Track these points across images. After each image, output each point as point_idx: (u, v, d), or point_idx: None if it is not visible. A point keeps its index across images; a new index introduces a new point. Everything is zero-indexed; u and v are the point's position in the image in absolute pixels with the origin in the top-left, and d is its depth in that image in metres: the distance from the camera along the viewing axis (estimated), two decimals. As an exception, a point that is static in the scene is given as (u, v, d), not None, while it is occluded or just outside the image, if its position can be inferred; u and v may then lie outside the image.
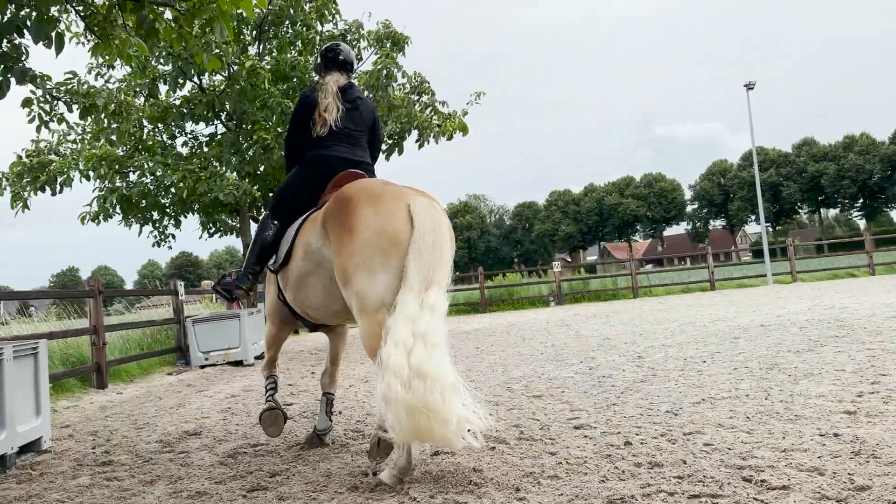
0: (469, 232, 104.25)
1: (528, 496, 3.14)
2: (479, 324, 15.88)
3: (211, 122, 13.37)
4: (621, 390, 5.65)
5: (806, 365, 6.02)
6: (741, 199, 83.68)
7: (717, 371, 6.16)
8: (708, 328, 9.97)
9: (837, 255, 29.18)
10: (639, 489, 3.11)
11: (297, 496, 3.45)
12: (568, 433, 4.31)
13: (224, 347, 10.82)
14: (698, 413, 4.55)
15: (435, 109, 12.71)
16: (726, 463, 3.39)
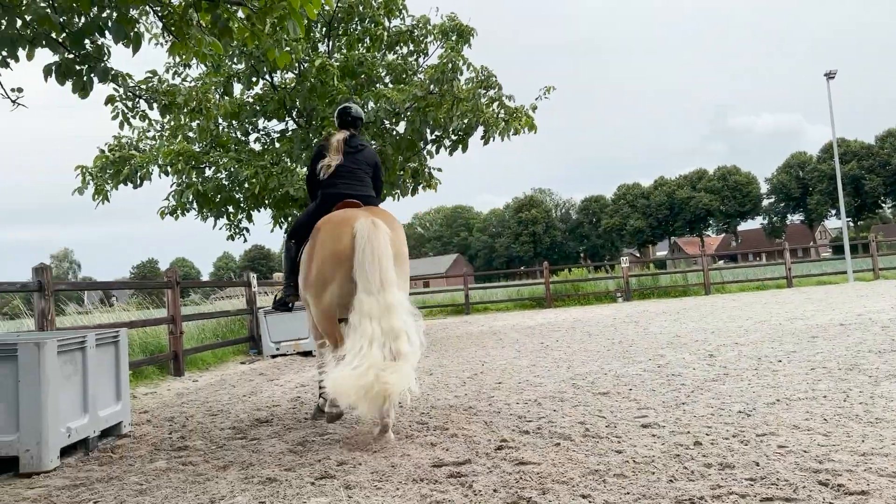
0: (534, 226, 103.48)
1: (592, 494, 3.11)
2: (543, 319, 15.77)
3: (282, 119, 13.70)
4: (691, 389, 5.51)
5: (888, 366, 5.73)
6: (821, 192, 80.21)
7: (793, 371, 5.93)
8: (784, 327, 9.62)
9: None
10: (708, 490, 3.03)
11: (363, 485, 3.51)
12: (635, 431, 4.24)
13: (294, 338, 11.10)
14: (772, 414, 4.40)
15: (502, 103, 12.64)
16: (801, 466, 3.27)
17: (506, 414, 5.08)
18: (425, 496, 3.25)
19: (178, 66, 12.50)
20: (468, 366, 8.17)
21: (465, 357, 9.15)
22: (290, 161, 12.01)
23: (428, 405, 5.71)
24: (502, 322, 15.93)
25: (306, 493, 3.45)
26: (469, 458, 3.89)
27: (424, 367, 8.43)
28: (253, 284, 12.14)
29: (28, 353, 4.32)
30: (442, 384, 6.86)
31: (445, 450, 4.12)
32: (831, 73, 23.06)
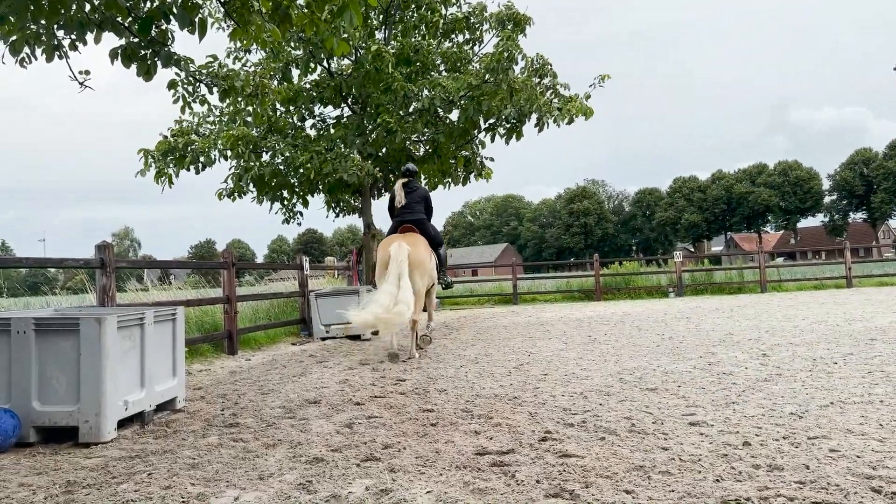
0: (586, 218, 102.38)
1: (636, 490, 3.09)
2: (592, 312, 15.63)
3: (337, 106, 13.87)
4: (742, 388, 5.40)
5: (954, 374, 5.51)
6: (885, 190, 77.12)
7: (850, 374, 5.76)
8: (841, 328, 9.32)
9: None
10: (756, 492, 2.98)
11: (407, 469, 3.57)
12: (682, 429, 4.19)
13: (344, 322, 11.28)
14: (825, 417, 4.29)
15: (556, 92, 12.53)
16: (853, 471, 3.19)
17: (551, 406, 5.08)
18: (468, 483, 3.29)
19: (239, 51, 12.76)
20: (514, 356, 8.18)
21: (512, 347, 9.16)
22: (345, 147, 12.15)
23: (473, 394, 5.75)
24: (550, 314, 15.86)
25: (352, 475, 3.53)
26: (513, 447, 3.91)
27: (470, 356, 8.47)
28: (305, 268, 12.37)
29: (89, 327, 4.51)
30: (487, 373, 6.89)
31: (489, 438, 4.15)
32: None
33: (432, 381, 6.51)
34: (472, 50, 13.81)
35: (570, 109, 12.20)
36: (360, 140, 12.52)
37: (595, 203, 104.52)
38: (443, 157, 13.62)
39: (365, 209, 14.20)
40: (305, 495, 3.23)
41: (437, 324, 13.89)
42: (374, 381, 6.75)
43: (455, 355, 8.58)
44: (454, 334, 11.66)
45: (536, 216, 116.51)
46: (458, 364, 7.68)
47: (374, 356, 8.92)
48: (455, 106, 12.49)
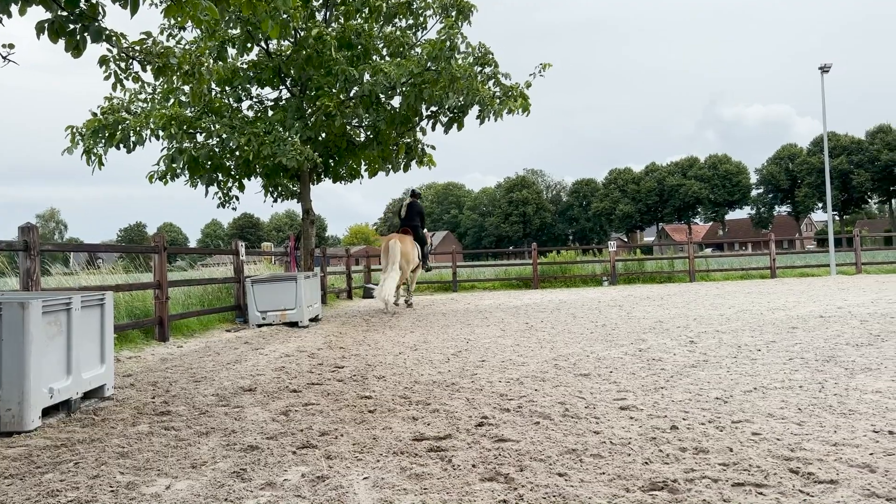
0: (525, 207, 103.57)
1: (569, 472, 3.17)
2: (529, 299, 15.87)
3: (276, 87, 13.58)
4: (671, 374, 5.60)
5: (864, 359, 5.84)
6: (809, 185, 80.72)
7: (772, 360, 6.04)
8: (765, 317, 9.74)
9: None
10: (682, 473, 3.10)
11: (344, 455, 3.57)
12: (613, 413, 4.32)
13: (281, 308, 11.12)
14: (748, 402, 4.49)
15: (497, 81, 12.58)
16: (774, 453, 3.35)
17: (488, 391, 5.15)
18: (405, 468, 3.31)
19: (173, 28, 12.33)
20: (453, 343, 8.24)
21: (451, 334, 9.22)
22: (284, 130, 11.92)
23: (411, 380, 5.77)
24: (489, 301, 16.02)
25: (287, 462, 3.50)
26: (450, 433, 3.95)
27: (409, 343, 8.49)
28: (241, 253, 12.12)
29: (12, 312, 4.32)
30: (426, 360, 6.92)
31: (427, 424, 4.18)
32: (826, 66, 23.05)
33: (371, 368, 6.51)
34: (416, 36, 13.73)
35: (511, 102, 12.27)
36: (299, 123, 12.30)
37: (534, 192, 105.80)
38: (384, 143, 13.53)
39: (304, 194, 14.00)
40: (240, 483, 3.19)
41: (376, 310, 13.86)
42: (311, 368, 6.69)
43: (394, 342, 8.59)
44: (393, 321, 11.66)
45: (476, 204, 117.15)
46: (397, 351, 7.69)
47: (311, 343, 8.84)
48: (397, 92, 12.41)
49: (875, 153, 77.33)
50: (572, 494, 2.88)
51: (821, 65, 23.08)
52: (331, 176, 14.57)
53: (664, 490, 2.91)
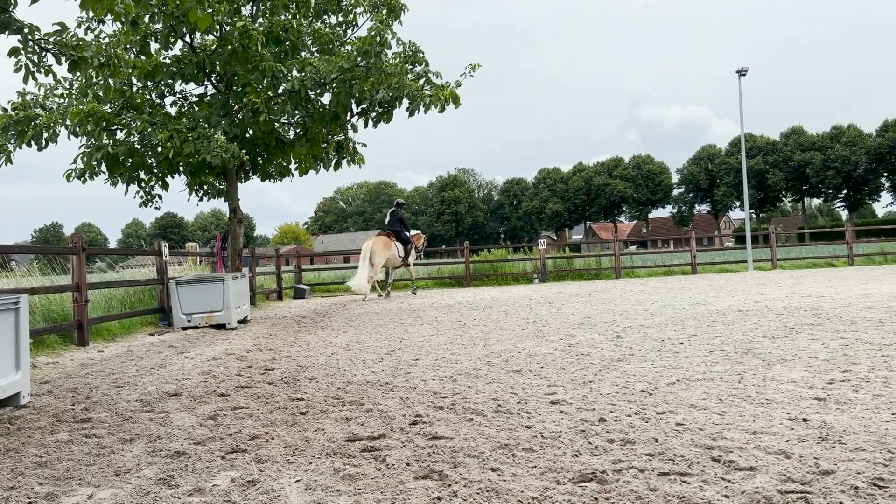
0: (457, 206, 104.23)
1: (501, 467, 3.21)
2: (462, 298, 15.97)
3: (201, 83, 13.21)
4: (599, 368, 5.74)
5: (780, 351, 6.14)
6: (727, 184, 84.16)
7: (694, 353, 6.27)
8: (687, 311, 10.10)
9: (818, 245, 29.53)
10: (610, 464, 3.19)
11: (275, 459, 3.50)
12: (544, 408, 4.39)
13: (207, 310, 10.83)
14: (672, 393, 4.65)
15: (428, 80, 12.61)
16: (697, 443, 3.48)
17: (421, 390, 5.16)
18: (338, 470, 3.28)
19: (91, 21, 11.82)
20: (386, 342, 8.21)
21: (384, 334, 9.19)
22: (209, 127, 11.60)
23: (344, 381, 5.72)
24: (422, 300, 16.04)
25: (216, 467, 3.41)
26: (384, 432, 3.94)
27: (342, 343, 8.41)
28: (164, 253, 11.73)
29: (-84, 318, 4.05)
30: (359, 360, 6.87)
31: (360, 424, 4.16)
32: (743, 70, 24.06)
33: (302, 370, 6.41)
34: (346, 32, 13.60)
35: (441, 96, 12.31)
36: (224, 120, 11.99)
37: (465, 192, 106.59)
38: (313, 140, 13.35)
39: (231, 193, 13.66)
40: (166, 490, 3.09)
41: (308, 311, 13.67)
42: (240, 371, 6.54)
43: (326, 343, 8.49)
44: (325, 321, 11.52)
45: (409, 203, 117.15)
46: (330, 352, 7.60)
47: (240, 346, 8.64)
48: (326, 89, 12.26)
49: (789, 154, 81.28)
50: (505, 489, 2.92)
51: (738, 68, 24.08)
52: (259, 174, 14.28)
53: (593, 481, 2.99)
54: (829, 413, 3.92)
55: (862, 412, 3.89)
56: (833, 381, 4.77)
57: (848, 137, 78.64)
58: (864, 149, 77.03)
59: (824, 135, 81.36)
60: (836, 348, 6.10)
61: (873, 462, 3.04)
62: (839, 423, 3.70)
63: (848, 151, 77.25)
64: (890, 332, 6.82)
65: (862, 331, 7.06)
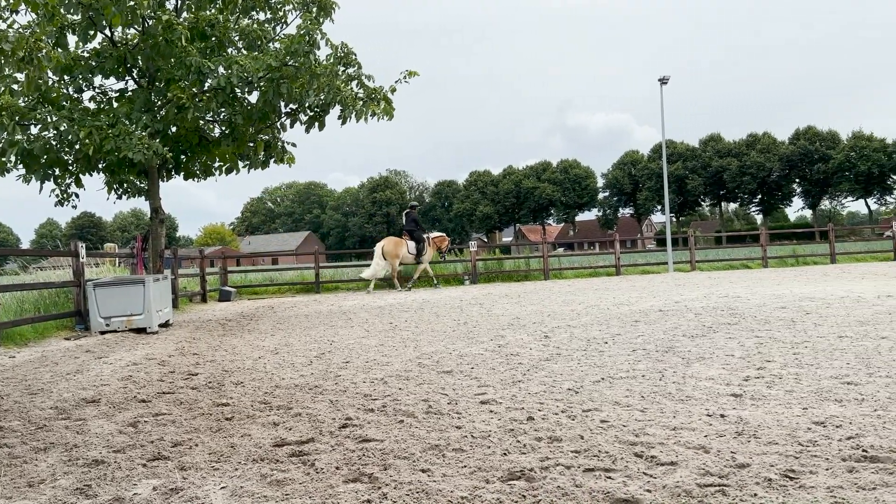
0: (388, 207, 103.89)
1: (432, 468, 3.22)
2: (393, 299, 15.93)
3: (122, 78, 12.71)
4: (527, 368, 5.83)
5: (699, 349, 6.39)
6: (649, 189, 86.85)
7: (618, 352, 6.45)
8: (611, 311, 10.38)
9: (735, 247, 30.88)
10: (538, 462, 3.25)
11: (199, 466, 3.41)
12: (474, 408, 4.43)
13: (127, 314, 10.43)
14: (597, 391, 4.77)
15: (361, 83, 12.51)
16: (620, 439, 3.58)
17: (352, 392, 5.12)
18: (265, 475, 3.22)
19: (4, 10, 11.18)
20: (316, 345, 8.11)
21: (313, 336, 9.07)
22: (130, 123, 11.17)
23: (272, 385, 5.62)
24: (352, 302, 15.91)
25: (137, 475, 3.30)
26: (312, 436, 3.89)
27: (269, 346, 8.26)
28: (81, 255, 11.24)
29: None
30: (288, 363, 6.76)
31: (288, 429, 4.09)
32: (665, 78, 24.91)
33: (228, 374, 6.26)
34: (275, 30, 13.35)
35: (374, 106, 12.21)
36: (147, 116, 11.58)
37: (397, 193, 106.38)
38: (240, 139, 13.04)
39: (152, 192, 13.20)
40: (84, 500, 2.96)
41: (234, 314, 13.39)
42: (161, 376, 6.33)
43: (253, 346, 8.32)
44: (252, 325, 11.29)
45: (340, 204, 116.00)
46: (257, 355, 7.45)
47: (162, 350, 8.37)
48: (254, 87, 12.00)
49: (707, 160, 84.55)
50: (435, 489, 2.93)
51: (660, 77, 24.91)
52: (182, 172, 13.84)
53: (521, 479, 3.03)
54: (744, 409, 4.10)
55: (775, 407, 4.09)
56: (748, 378, 5.00)
57: (762, 145, 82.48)
58: (777, 156, 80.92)
59: (740, 142, 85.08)
60: (751, 347, 6.39)
61: (785, 455, 3.21)
62: (754, 418, 3.88)
63: (763, 158, 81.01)
64: (801, 331, 7.20)
65: (775, 330, 7.42)
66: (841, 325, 7.51)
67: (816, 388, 4.54)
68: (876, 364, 5.21)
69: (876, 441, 3.31)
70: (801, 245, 29.77)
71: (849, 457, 3.12)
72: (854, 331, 6.98)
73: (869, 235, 50.82)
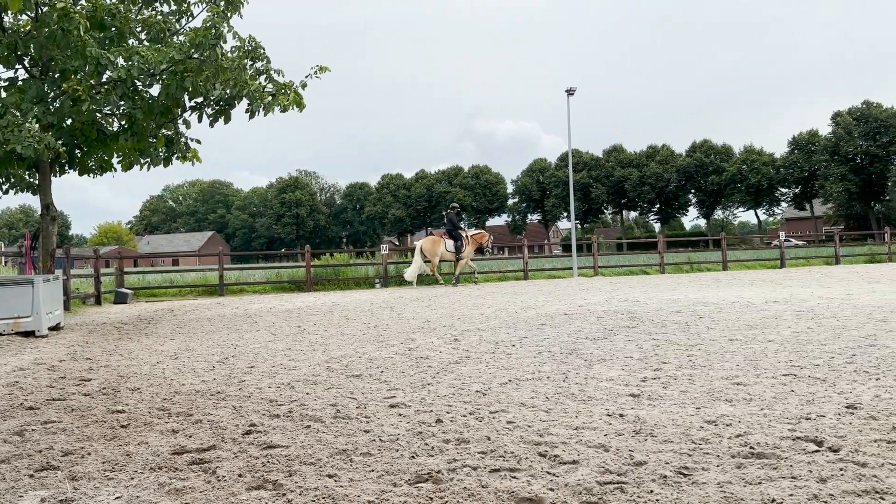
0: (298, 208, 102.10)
1: (339, 473, 3.19)
2: (302, 302, 15.66)
3: (12, 67, 11.91)
4: (437, 371, 5.87)
5: (600, 351, 6.62)
6: (556, 196, 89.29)
7: (524, 354, 6.59)
8: (519, 315, 10.60)
9: (635, 254, 32.20)
10: (445, 464, 3.27)
11: (92, 475, 3.24)
12: (383, 412, 4.42)
13: (13, 316, 9.77)
14: (504, 393, 4.86)
15: (269, 77, 12.23)
16: (525, 439, 3.66)
17: (257, 398, 5.00)
18: (164, 484, 3.10)
19: None
20: (219, 349, 7.86)
21: (216, 340, 8.79)
22: (20, 114, 10.48)
23: (171, 391, 5.41)
24: (259, 305, 15.52)
25: (23, 487, 3.10)
26: (214, 443, 3.77)
27: (168, 351, 7.95)
28: (-39, 253, 10.44)
29: None
30: (188, 368, 6.52)
31: (188, 436, 3.95)
32: (571, 89, 25.68)
33: (124, 380, 5.98)
34: (179, 22, 12.87)
35: (283, 100, 11.98)
36: (39, 108, 10.90)
37: (307, 194, 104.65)
38: (140, 134, 12.48)
39: (44, 187, 12.44)
40: (-41, 518, 2.75)
41: (131, 317, 12.82)
42: (51, 382, 5.97)
43: (151, 351, 7.98)
44: (150, 328, 10.82)
45: (246, 204, 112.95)
46: (155, 360, 7.15)
47: (52, 355, 7.89)
48: (156, 80, 11.52)
49: (610, 169, 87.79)
50: (342, 494, 2.91)
51: (567, 88, 25.66)
52: (77, 168, 13.11)
53: (429, 481, 3.05)
54: (642, 408, 4.28)
55: (670, 407, 4.30)
56: (646, 378, 5.22)
57: (661, 156, 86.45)
58: (675, 167, 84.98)
59: (641, 153, 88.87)
60: (649, 349, 6.68)
61: (680, 452, 3.37)
62: (651, 417, 4.05)
63: (661, 169, 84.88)
64: (694, 334, 7.59)
65: (671, 333, 7.79)
66: (731, 328, 7.96)
67: (709, 388, 4.80)
68: (763, 366, 5.55)
69: (762, 438, 3.53)
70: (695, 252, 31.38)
71: (738, 453, 3.31)
72: (743, 334, 7.42)
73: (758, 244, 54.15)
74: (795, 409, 4.09)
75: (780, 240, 28.92)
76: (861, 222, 74.60)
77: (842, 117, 72.75)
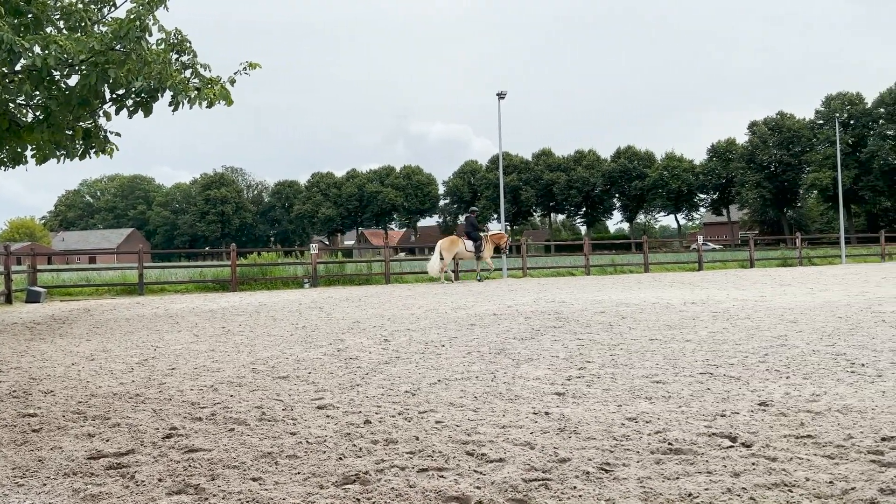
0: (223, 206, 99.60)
1: (264, 476, 3.14)
2: (227, 302, 15.28)
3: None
4: (366, 371, 5.84)
5: (527, 351, 6.73)
6: (487, 198, 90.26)
7: (454, 354, 6.63)
8: (449, 315, 10.66)
9: (562, 256, 32.88)
10: (373, 465, 3.27)
11: (0, 482, 3.08)
12: (311, 413, 4.37)
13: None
14: (434, 393, 4.88)
15: (196, 72, 11.89)
16: (453, 439, 3.69)
17: (178, 401, 4.85)
18: (79, 490, 2.97)
19: None
20: (138, 351, 7.59)
21: (135, 341, 8.48)
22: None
23: (87, 394, 5.19)
24: (181, 305, 15.05)
25: (-80, 499, 2.92)
26: (133, 447, 3.64)
27: (84, 352, 7.62)
28: None
29: None
30: (105, 370, 6.27)
31: (105, 440, 3.80)
32: (502, 93, 26.00)
33: (35, 382, 5.70)
34: (101, 12, 12.35)
35: (210, 94, 11.66)
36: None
37: (234, 191, 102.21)
38: (56, 126, 11.91)
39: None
40: None
41: (44, 317, 12.23)
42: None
43: (65, 352, 7.63)
44: (65, 328, 10.35)
45: (168, 201, 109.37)
46: (70, 362, 6.84)
47: (-45, 356, 7.44)
48: (75, 70, 11.03)
49: (539, 173, 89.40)
50: (266, 498, 2.86)
51: (498, 91, 25.96)
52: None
53: (356, 483, 3.04)
54: (566, 406, 4.38)
55: (594, 405, 4.41)
56: (571, 377, 5.35)
57: (588, 161, 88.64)
58: (601, 172, 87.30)
59: (569, 158, 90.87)
60: (574, 348, 6.83)
61: (602, 449, 3.47)
62: (575, 415, 4.15)
63: (588, 173, 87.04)
64: (617, 334, 7.81)
65: (595, 332, 7.99)
66: (652, 328, 8.23)
67: (630, 386, 4.95)
68: (681, 364, 5.77)
69: (680, 435, 3.67)
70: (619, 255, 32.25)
71: (657, 449, 3.43)
72: (663, 334, 7.69)
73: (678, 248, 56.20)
74: (711, 407, 4.27)
75: (699, 243, 30.08)
76: (774, 227, 78.59)
77: (758, 127, 76.42)
